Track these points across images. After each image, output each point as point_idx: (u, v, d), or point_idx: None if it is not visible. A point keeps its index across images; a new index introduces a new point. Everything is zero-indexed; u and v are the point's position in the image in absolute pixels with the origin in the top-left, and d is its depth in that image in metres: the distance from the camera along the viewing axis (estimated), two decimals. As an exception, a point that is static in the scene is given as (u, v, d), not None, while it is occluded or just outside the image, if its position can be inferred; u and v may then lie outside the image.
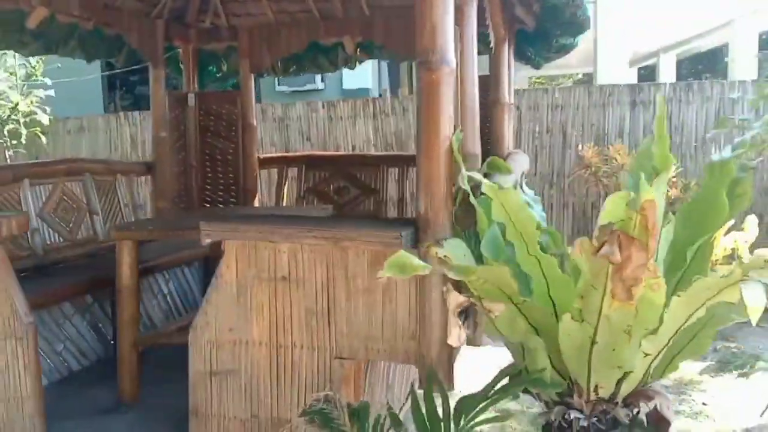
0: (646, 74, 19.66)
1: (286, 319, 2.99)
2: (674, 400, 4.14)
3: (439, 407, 2.61)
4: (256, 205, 6.11)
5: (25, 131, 8.80)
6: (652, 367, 2.62)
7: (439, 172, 2.78)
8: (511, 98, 4.91)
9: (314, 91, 11.00)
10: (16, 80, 8.89)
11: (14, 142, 8.81)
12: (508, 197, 2.40)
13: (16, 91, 8.80)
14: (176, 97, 5.91)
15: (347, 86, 10.93)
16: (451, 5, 2.79)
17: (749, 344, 5.46)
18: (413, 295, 2.85)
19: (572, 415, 2.62)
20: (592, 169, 7.10)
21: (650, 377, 2.69)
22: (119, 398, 3.84)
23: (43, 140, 8.98)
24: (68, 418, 3.69)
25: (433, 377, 2.71)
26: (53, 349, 4.19)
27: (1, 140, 8.92)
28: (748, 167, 2.96)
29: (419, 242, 2.79)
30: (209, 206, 6.06)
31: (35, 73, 8.92)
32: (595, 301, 2.27)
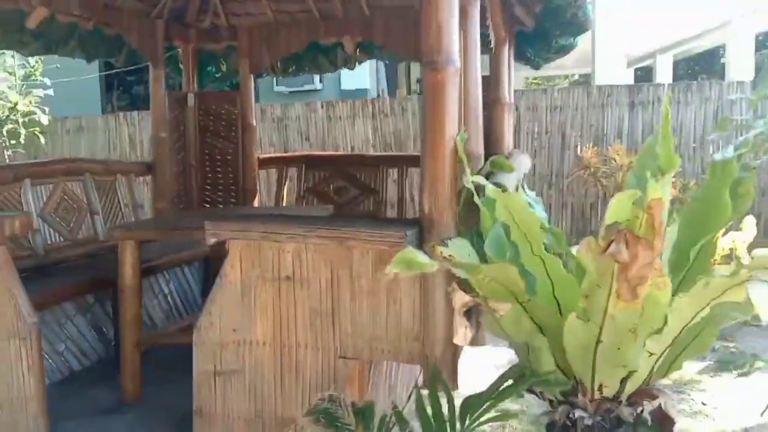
0: (642, 75, 19.69)
1: (290, 318, 2.99)
2: (674, 399, 4.15)
3: (442, 407, 2.62)
4: (255, 205, 6.10)
5: (24, 131, 8.79)
6: (656, 366, 2.63)
7: (443, 172, 2.78)
8: (511, 98, 4.93)
9: (312, 91, 11.00)
10: (15, 80, 8.87)
11: (13, 142, 8.81)
12: (511, 200, 2.41)
13: (15, 91, 8.79)
14: (176, 97, 5.90)
15: (345, 87, 10.94)
16: (456, 6, 2.80)
17: (747, 344, 5.47)
18: (417, 295, 2.85)
19: (577, 414, 2.63)
20: (591, 169, 7.13)
21: (654, 376, 2.70)
22: (121, 398, 3.83)
23: (41, 140, 8.98)
24: (70, 418, 3.68)
25: (437, 377, 2.72)
26: (54, 349, 4.18)
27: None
28: (750, 167, 2.97)
29: (424, 242, 2.80)
30: (209, 206, 6.04)
31: (34, 73, 8.91)
32: (600, 300, 2.28)
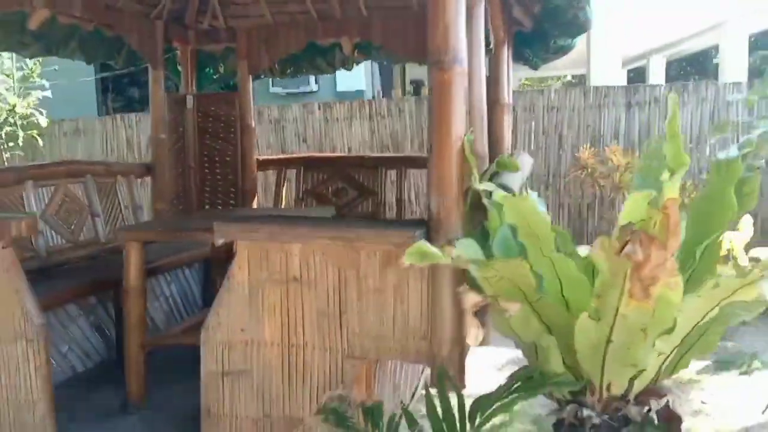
0: (635, 76, 19.78)
1: (297, 319, 2.99)
2: (674, 399, 4.18)
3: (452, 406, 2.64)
4: (254, 206, 6.09)
5: (22, 133, 8.77)
6: (664, 365, 2.65)
7: (451, 172, 2.79)
8: (510, 99, 4.94)
9: (308, 93, 11.01)
10: (12, 82, 8.85)
11: (11, 144, 8.78)
12: (521, 203, 2.43)
13: (12, 93, 8.76)
14: (175, 98, 5.89)
15: (341, 88, 10.95)
16: (463, 6, 2.81)
17: (746, 343, 5.52)
18: (425, 294, 2.86)
19: (585, 413, 2.65)
20: (588, 170, 7.16)
21: (662, 375, 2.72)
22: (126, 399, 3.83)
23: (40, 142, 8.96)
24: (76, 419, 3.69)
25: (446, 376, 2.73)
26: (58, 350, 4.17)
27: (-3, 142, 8.90)
28: (754, 167, 2.99)
29: (431, 242, 2.79)
30: (208, 208, 6.03)
31: (32, 74, 8.89)
32: (612, 300, 2.29)
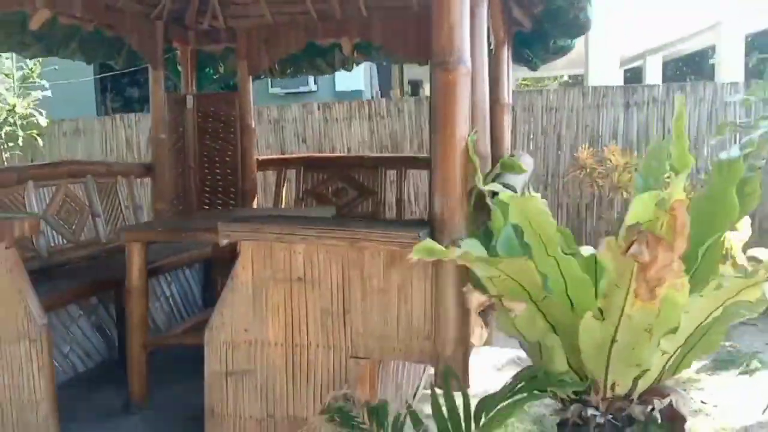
0: (632, 76, 19.79)
1: (301, 319, 2.99)
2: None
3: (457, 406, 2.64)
4: (254, 207, 6.10)
5: (22, 133, 8.75)
6: (667, 364, 2.66)
7: (454, 172, 2.80)
8: (509, 99, 4.96)
9: (307, 92, 11.01)
10: (12, 82, 8.84)
11: (11, 144, 8.76)
12: (526, 203, 2.43)
13: (12, 93, 8.75)
14: (175, 98, 5.89)
15: (340, 88, 10.95)
16: (467, 7, 2.81)
17: (744, 343, 5.54)
18: (428, 294, 2.86)
19: (589, 412, 2.66)
20: (587, 170, 7.18)
21: (665, 374, 2.73)
22: (129, 399, 3.83)
23: (39, 143, 8.95)
24: (79, 419, 3.69)
25: (453, 375, 2.74)
26: (60, 350, 4.17)
27: (-3, 142, 8.89)
28: (756, 167, 3.01)
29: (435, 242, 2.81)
30: (208, 208, 6.03)
31: (32, 75, 8.87)
32: (617, 300, 2.30)
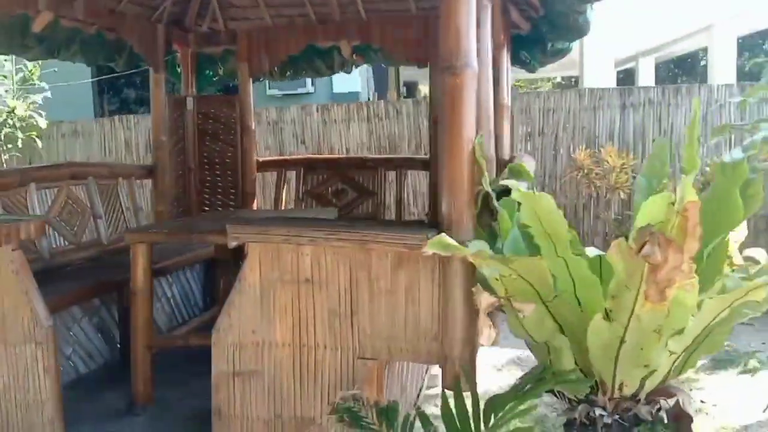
0: (624, 78, 19.87)
1: (309, 320, 3.00)
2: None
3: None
4: (254, 208, 6.10)
5: (21, 135, 8.72)
6: (674, 365, 2.68)
7: (462, 174, 2.81)
8: (509, 101, 4.98)
9: (305, 94, 11.02)
10: (12, 84, 8.81)
11: (9, 146, 8.74)
12: (539, 201, 2.45)
13: (11, 95, 8.73)
14: (175, 100, 5.89)
15: (337, 90, 10.97)
16: (474, 10, 2.83)
17: (741, 342, 5.58)
18: (436, 295, 2.88)
19: (596, 412, 2.68)
20: (584, 171, 7.22)
21: (671, 374, 2.76)
22: (133, 400, 3.83)
23: (39, 144, 8.93)
24: (84, 421, 3.68)
25: (467, 376, 2.75)
26: (62, 352, 4.16)
27: (-3, 144, 8.86)
28: (758, 168, 3.04)
29: (443, 244, 2.83)
30: (208, 209, 6.03)
31: (32, 77, 8.85)
32: (627, 301, 2.32)
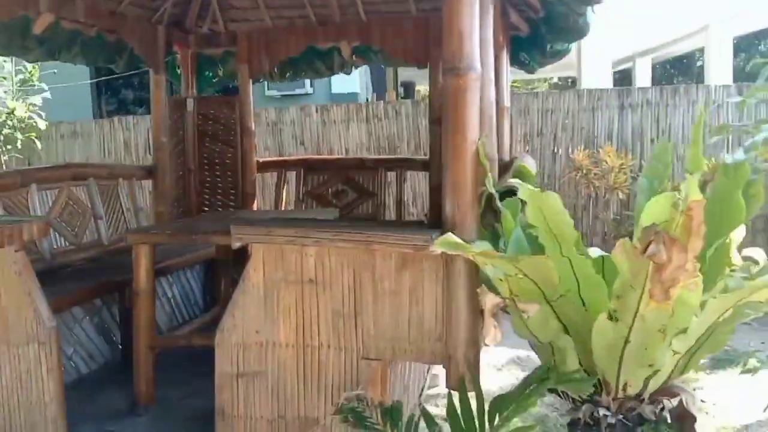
0: (621, 78, 19.89)
1: (313, 320, 3.01)
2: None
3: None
4: (254, 209, 6.11)
5: (21, 136, 8.72)
6: (677, 364, 2.69)
7: (466, 175, 2.82)
8: (508, 102, 5.00)
9: (304, 95, 11.02)
10: (11, 85, 8.81)
11: (9, 147, 8.73)
12: (545, 200, 2.47)
13: (11, 96, 8.72)
14: (175, 101, 5.90)
15: (336, 90, 10.96)
16: (477, 12, 2.84)
17: (740, 342, 5.58)
18: (440, 296, 2.89)
19: (600, 412, 2.69)
20: (583, 171, 7.24)
21: (675, 374, 2.77)
22: (135, 400, 3.84)
23: (38, 145, 8.92)
24: (86, 421, 3.69)
25: (474, 377, 2.76)
26: (64, 353, 4.16)
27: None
28: (759, 169, 3.05)
29: (447, 245, 2.84)
30: (208, 210, 6.04)
31: (31, 78, 8.85)
32: (631, 301, 2.33)
